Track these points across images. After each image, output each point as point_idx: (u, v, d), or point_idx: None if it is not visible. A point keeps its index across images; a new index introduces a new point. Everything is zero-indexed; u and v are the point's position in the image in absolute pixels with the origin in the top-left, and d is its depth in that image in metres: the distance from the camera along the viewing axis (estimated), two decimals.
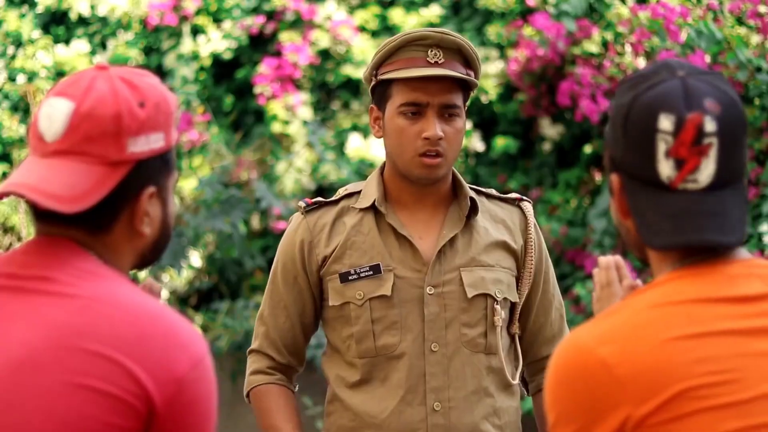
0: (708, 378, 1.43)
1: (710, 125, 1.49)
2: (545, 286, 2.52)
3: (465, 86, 2.42)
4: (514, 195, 2.55)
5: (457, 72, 2.38)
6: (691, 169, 1.49)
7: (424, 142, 2.37)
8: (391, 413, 2.38)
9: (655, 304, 1.49)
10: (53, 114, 1.52)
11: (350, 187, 2.51)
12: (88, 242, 1.54)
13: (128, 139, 1.52)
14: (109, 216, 1.54)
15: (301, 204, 2.48)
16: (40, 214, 1.54)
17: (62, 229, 1.53)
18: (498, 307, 2.41)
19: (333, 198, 2.49)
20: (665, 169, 1.50)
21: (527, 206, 2.53)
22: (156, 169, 1.56)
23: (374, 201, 2.43)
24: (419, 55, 2.37)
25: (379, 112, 2.44)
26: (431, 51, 2.37)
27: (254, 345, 2.54)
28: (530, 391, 2.63)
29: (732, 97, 1.51)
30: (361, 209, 2.45)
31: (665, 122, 1.49)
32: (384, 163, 2.50)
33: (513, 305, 2.48)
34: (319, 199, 2.50)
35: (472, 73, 2.42)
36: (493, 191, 2.54)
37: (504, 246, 2.47)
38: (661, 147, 1.49)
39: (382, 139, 2.46)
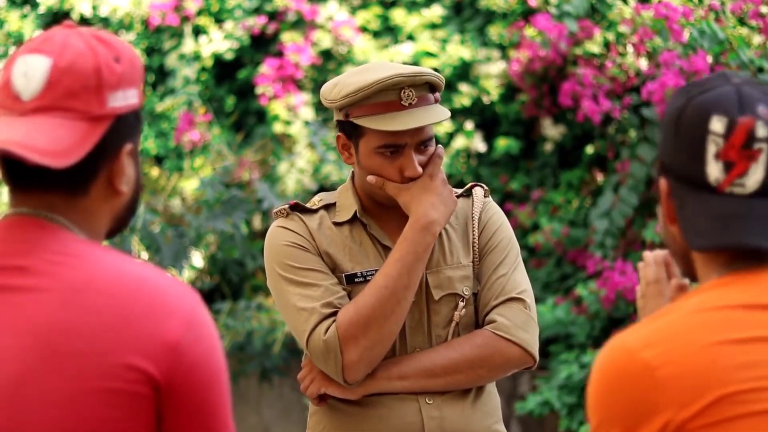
0: (751, 383, 1.42)
1: (762, 130, 1.48)
2: (491, 257, 2.49)
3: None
4: (470, 184, 2.58)
5: (429, 106, 2.39)
6: (740, 172, 1.48)
7: (404, 178, 2.39)
8: (386, 408, 2.40)
9: (700, 309, 1.48)
10: (30, 71, 1.48)
11: (324, 198, 2.52)
12: (64, 209, 1.50)
13: (108, 93, 1.50)
14: (89, 175, 1.51)
15: (285, 207, 2.48)
16: (17, 181, 1.50)
17: (39, 196, 1.49)
18: (462, 303, 2.44)
19: (311, 206, 2.49)
20: (714, 171, 1.49)
21: (477, 190, 2.55)
22: (132, 126, 1.54)
23: (355, 212, 2.46)
24: (392, 98, 2.36)
25: (348, 142, 2.44)
26: (404, 93, 2.36)
27: (306, 331, 2.37)
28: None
29: None
30: (343, 222, 2.47)
31: (717, 124, 1.48)
32: (353, 175, 2.51)
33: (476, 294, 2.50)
34: (299, 203, 2.50)
35: (438, 95, 2.43)
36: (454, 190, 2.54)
37: (463, 240, 2.50)
38: (711, 149, 1.49)
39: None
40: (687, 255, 1.57)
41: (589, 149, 5.90)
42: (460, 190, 2.55)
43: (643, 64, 5.37)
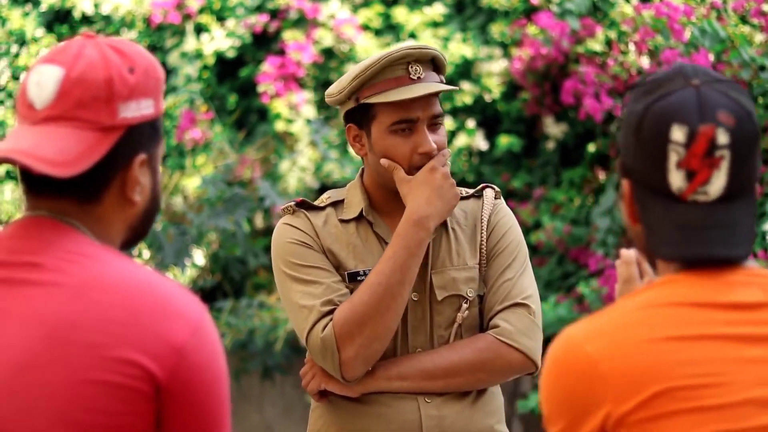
0: (691, 380, 1.44)
1: (723, 138, 1.48)
2: (499, 260, 2.48)
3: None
4: (481, 185, 2.57)
5: (436, 82, 2.42)
6: (702, 181, 1.49)
7: (421, 156, 2.40)
8: (385, 406, 2.40)
9: (648, 305, 1.49)
10: (43, 80, 1.51)
11: (332, 195, 2.52)
12: (78, 215, 1.52)
13: (119, 104, 1.51)
14: (101, 184, 1.52)
15: (291, 204, 2.49)
16: (31, 186, 1.53)
17: (53, 201, 1.52)
18: (465, 305, 2.43)
19: (318, 204, 2.50)
20: (676, 180, 1.50)
21: (488, 192, 2.55)
22: (146, 136, 1.55)
23: (362, 210, 2.46)
24: (401, 74, 2.40)
25: (359, 131, 2.45)
26: (412, 67, 2.40)
27: (306, 328, 2.38)
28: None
29: (747, 109, 1.51)
30: (349, 220, 2.47)
31: (678, 133, 1.49)
32: (362, 171, 2.52)
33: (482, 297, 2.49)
34: (306, 200, 2.51)
35: (443, 77, 2.46)
36: (463, 190, 2.54)
37: (470, 241, 2.49)
38: (673, 158, 1.49)
39: (363, 157, 2.48)
40: (651, 252, 1.58)
41: (591, 147, 5.90)
42: (471, 191, 2.55)
43: (645, 62, 5.37)
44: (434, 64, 2.44)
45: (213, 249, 6.05)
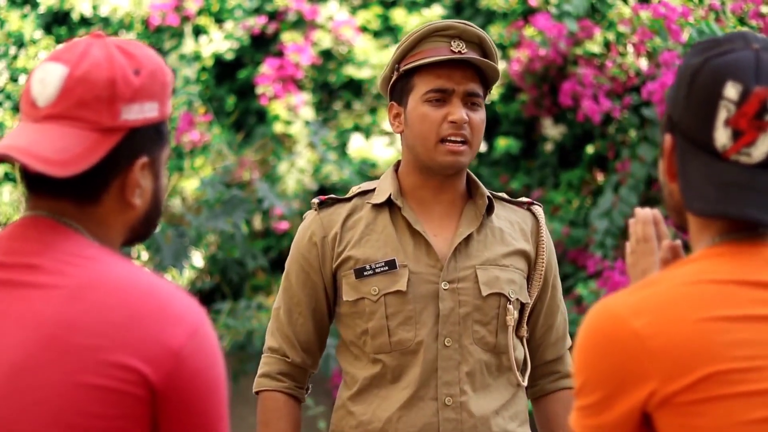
0: (741, 363, 1.41)
1: None
2: (553, 291, 2.54)
3: (484, 82, 2.45)
4: (524, 199, 2.57)
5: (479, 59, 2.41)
6: (748, 142, 1.47)
7: (450, 125, 2.38)
8: (403, 407, 2.38)
9: (692, 281, 1.46)
10: (46, 78, 1.49)
11: (363, 186, 2.53)
12: (77, 215, 1.51)
13: (122, 105, 1.50)
14: (100, 185, 1.51)
15: (315, 201, 2.49)
16: (31, 185, 1.52)
17: (52, 201, 1.51)
18: (510, 307, 2.42)
19: (346, 195, 2.50)
20: (722, 137, 1.48)
21: (539, 210, 2.54)
22: (149, 140, 1.54)
23: (390, 195, 2.44)
24: (442, 46, 2.39)
25: (399, 108, 2.45)
26: (454, 42, 2.40)
27: (268, 343, 2.53)
28: (531, 395, 2.61)
29: None
30: (375, 205, 2.45)
31: (731, 90, 1.47)
32: (398, 162, 2.51)
33: (523, 307, 2.48)
34: (332, 196, 2.51)
35: (492, 65, 2.44)
36: (504, 195, 2.56)
37: (519, 248, 2.48)
38: (722, 114, 1.47)
39: (400, 135, 2.49)
40: (683, 212, 1.55)
41: (590, 149, 5.90)
42: (507, 196, 2.56)
43: (644, 64, 5.37)
44: (482, 48, 2.43)
45: (211, 251, 6.04)
